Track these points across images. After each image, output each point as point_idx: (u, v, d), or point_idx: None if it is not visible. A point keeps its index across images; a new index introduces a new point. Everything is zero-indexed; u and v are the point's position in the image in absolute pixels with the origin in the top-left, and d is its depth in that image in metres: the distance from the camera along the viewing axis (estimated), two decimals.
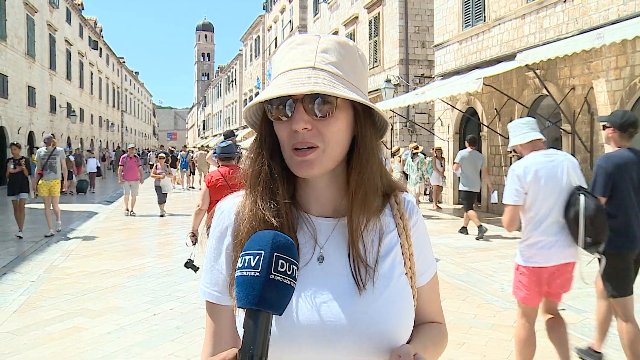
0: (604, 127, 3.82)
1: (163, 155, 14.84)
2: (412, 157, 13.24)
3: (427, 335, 1.05)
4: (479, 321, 5.13)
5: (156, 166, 13.62)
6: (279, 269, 0.75)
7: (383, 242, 1.02)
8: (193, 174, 24.67)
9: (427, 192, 15.75)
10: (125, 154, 13.95)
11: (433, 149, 14.56)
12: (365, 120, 0.98)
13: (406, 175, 13.35)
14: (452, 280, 6.66)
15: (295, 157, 0.94)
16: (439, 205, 14.30)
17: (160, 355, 4.36)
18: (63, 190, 12.54)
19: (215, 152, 6.09)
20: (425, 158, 13.52)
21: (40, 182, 10.15)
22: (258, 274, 0.75)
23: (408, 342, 0.98)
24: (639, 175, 3.61)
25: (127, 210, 13.72)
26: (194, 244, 5.71)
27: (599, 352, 3.96)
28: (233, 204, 1.06)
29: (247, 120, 1.04)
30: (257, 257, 0.76)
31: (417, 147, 13.45)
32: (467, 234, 9.83)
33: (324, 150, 0.93)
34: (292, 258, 0.78)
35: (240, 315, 0.95)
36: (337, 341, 0.92)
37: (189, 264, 6.64)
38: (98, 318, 5.30)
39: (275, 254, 0.76)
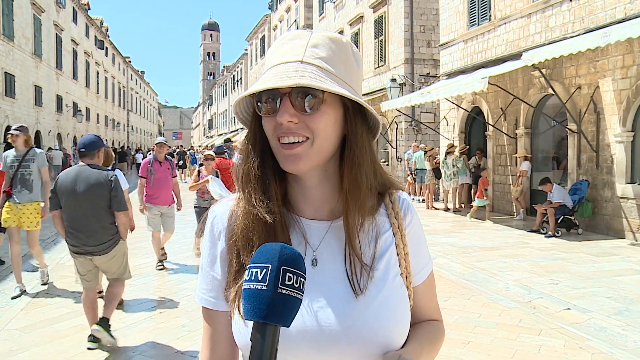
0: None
1: (212, 154, 7.98)
2: (446, 155, 13.36)
3: (423, 334, 1.04)
4: (484, 320, 5.13)
5: (199, 172, 7.92)
6: (286, 282, 0.74)
7: (378, 243, 1.00)
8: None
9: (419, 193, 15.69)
10: (150, 156, 7.75)
11: (453, 146, 13.71)
12: (356, 118, 0.96)
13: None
14: (457, 279, 6.66)
15: (282, 151, 0.92)
16: (463, 204, 13.91)
17: (166, 353, 4.39)
18: (43, 217, 6.36)
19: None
20: (460, 157, 13.42)
21: (6, 205, 6.09)
22: (265, 287, 0.73)
23: (405, 342, 0.98)
24: None
25: (160, 262, 7.60)
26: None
27: None
28: (226, 207, 1.04)
29: (239, 116, 1.01)
30: (264, 270, 0.74)
31: (452, 146, 13.56)
32: None
33: (312, 143, 0.91)
34: (299, 270, 0.76)
35: (237, 320, 0.95)
36: (331, 346, 0.91)
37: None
38: None
39: (282, 267, 0.74)
